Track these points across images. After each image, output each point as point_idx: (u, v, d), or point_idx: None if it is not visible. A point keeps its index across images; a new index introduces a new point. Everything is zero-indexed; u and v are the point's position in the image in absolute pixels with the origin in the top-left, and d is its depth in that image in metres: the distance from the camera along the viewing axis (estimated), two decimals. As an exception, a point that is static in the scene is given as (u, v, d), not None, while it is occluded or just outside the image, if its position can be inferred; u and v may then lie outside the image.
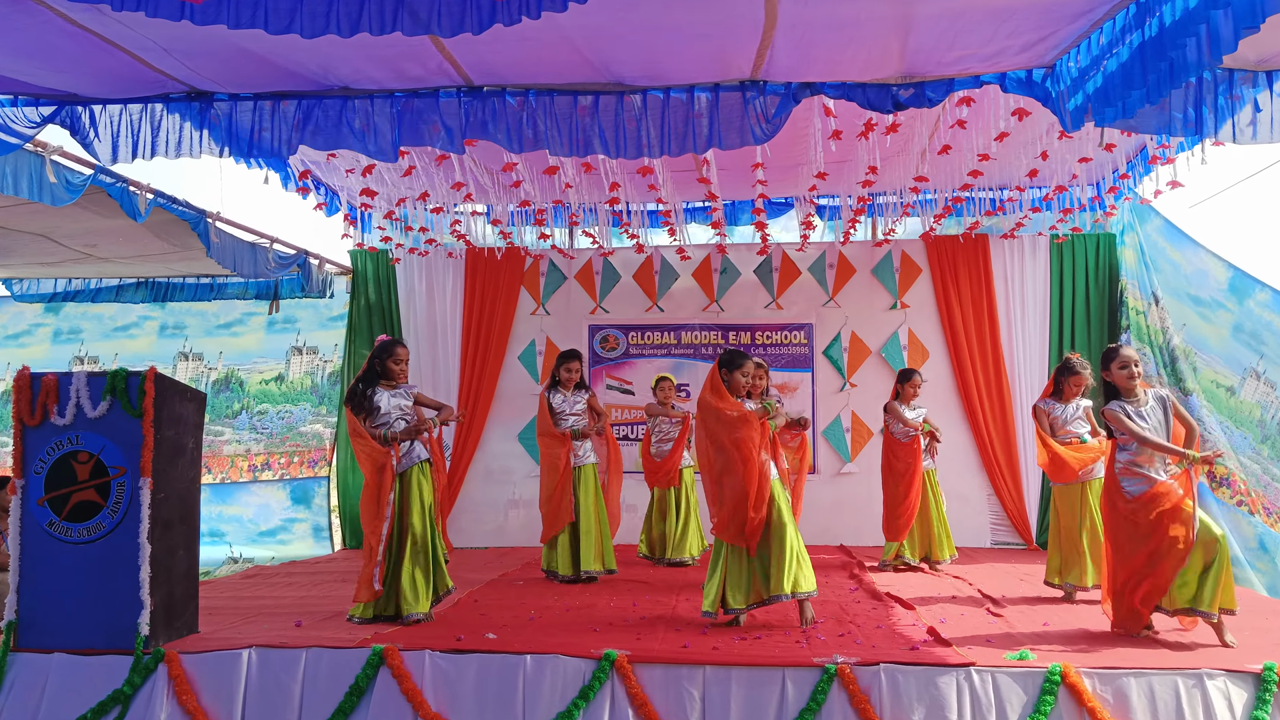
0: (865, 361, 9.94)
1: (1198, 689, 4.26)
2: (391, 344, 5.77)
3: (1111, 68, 4.69)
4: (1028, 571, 7.50)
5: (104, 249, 8.59)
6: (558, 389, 7.38)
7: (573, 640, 4.85)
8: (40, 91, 5.56)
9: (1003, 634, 5.18)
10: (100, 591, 4.79)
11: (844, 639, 5.02)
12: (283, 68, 5.25)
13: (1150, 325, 9.01)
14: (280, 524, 10.66)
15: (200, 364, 11.07)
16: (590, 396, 7.47)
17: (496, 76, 5.44)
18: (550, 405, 7.33)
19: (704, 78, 5.43)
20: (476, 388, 10.06)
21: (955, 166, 7.61)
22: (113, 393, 4.91)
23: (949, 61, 5.20)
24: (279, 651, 4.67)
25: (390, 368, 5.72)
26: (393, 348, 5.74)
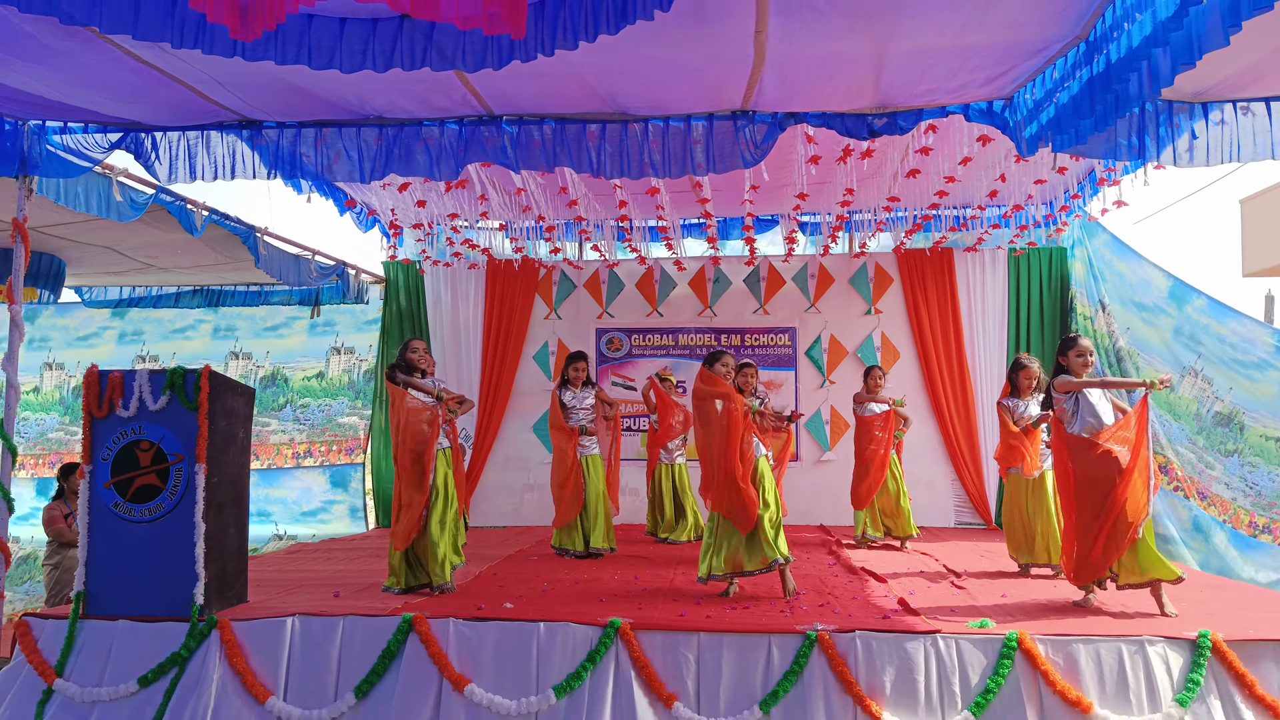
0: (843, 361, 9.94)
1: (1139, 654, 4.27)
2: (407, 340, 5.89)
3: (1064, 99, 4.68)
4: (987, 549, 7.51)
5: (164, 260, 8.60)
6: (567, 386, 7.40)
7: (581, 609, 4.85)
8: (107, 120, 5.56)
9: (965, 605, 5.18)
10: (160, 565, 4.80)
11: (823, 609, 5.03)
12: (324, 99, 5.25)
13: (1097, 329, 9.01)
14: (320, 505, 10.66)
15: (249, 362, 11.06)
16: (598, 390, 7.50)
17: (515, 107, 5.43)
18: (561, 401, 7.36)
19: (700, 108, 5.43)
20: (496, 384, 10.07)
21: (924, 187, 7.61)
22: (171, 388, 4.92)
23: (919, 94, 5.19)
24: (319, 619, 4.68)
25: (409, 359, 5.76)
26: (408, 341, 5.86)
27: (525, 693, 4.41)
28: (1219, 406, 7.61)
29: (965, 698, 4.25)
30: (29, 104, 5.17)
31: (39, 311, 10.91)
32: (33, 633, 4.77)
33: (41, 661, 4.67)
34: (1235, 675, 4.21)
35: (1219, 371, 7.68)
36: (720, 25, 4.31)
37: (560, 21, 3.81)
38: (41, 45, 4.39)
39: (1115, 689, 4.22)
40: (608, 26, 3.72)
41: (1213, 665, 4.24)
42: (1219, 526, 7.51)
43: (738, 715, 4.30)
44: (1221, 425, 7.57)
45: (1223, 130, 5.20)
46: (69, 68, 4.70)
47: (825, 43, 4.50)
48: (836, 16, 4.23)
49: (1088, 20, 4.26)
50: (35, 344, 11.01)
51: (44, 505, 7.96)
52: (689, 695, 4.38)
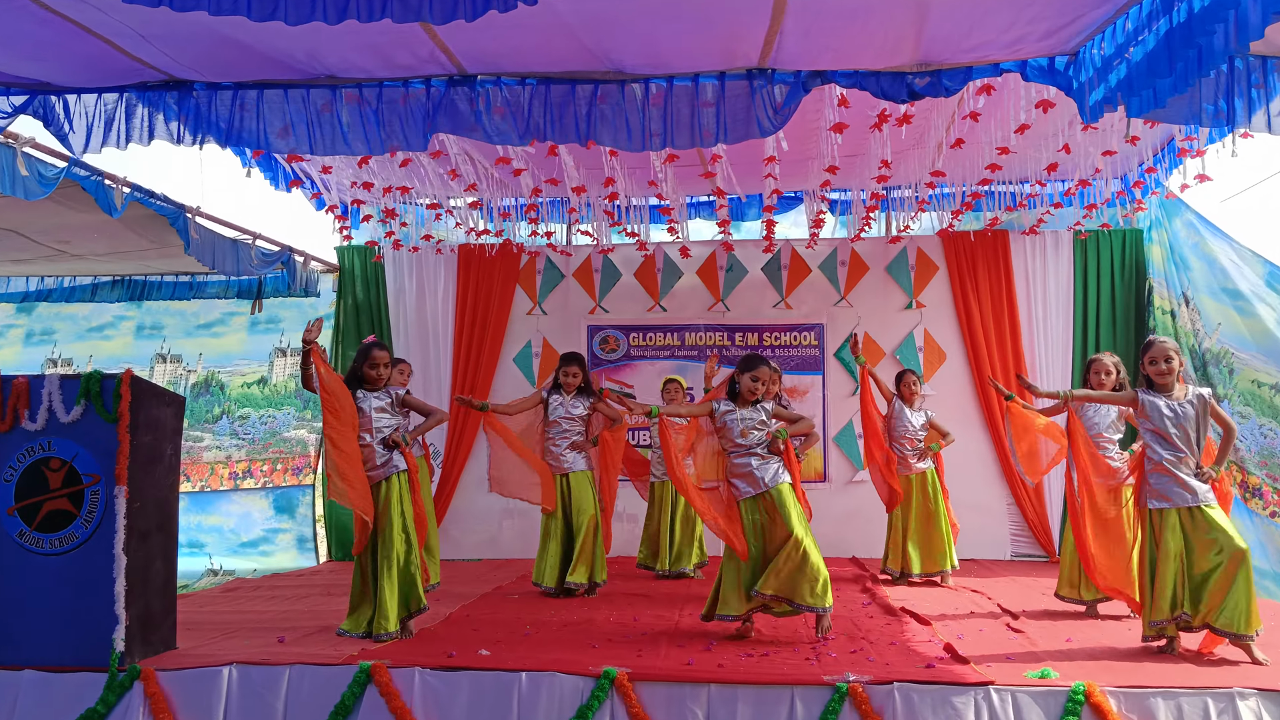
0: (879, 363, 9.92)
1: (1229, 710, 4.26)
2: (369, 347, 5.80)
3: (1138, 56, 4.69)
4: (1049, 585, 7.49)
5: (78, 245, 8.61)
6: (559, 391, 7.39)
7: (570, 657, 4.85)
8: (11, 80, 5.57)
9: (1023, 650, 5.18)
10: (73, 605, 4.79)
11: (856, 655, 5.02)
12: (266, 55, 5.27)
13: (1179, 327, 9.00)
14: (263, 534, 10.67)
15: (179, 366, 11.08)
16: (595, 403, 7.43)
17: (491, 65, 5.45)
18: (546, 403, 7.36)
19: (709, 66, 5.44)
20: (469, 391, 10.02)
21: (973, 160, 7.62)
22: (87, 396, 4.92)
23: (967, 48, 5.20)
24: (261, 669, 4.67)
25: (367, 373, 5.75)
26: (369, 351, 5.77)
27: (504, 755, 4.42)
28: None
29: (1023, 760, 4.25)
30: (-83, 62, 5.19)
31: (-70, 307, 10.95)
32: (-77, 685, 4.76)
33: (-67, 719, 4.67)
34: (1342, 734, 4.21)
35: None
36: (733, -33, 4.33)
37: (544, -38, 3.82)
38: (-68, -8, 4.41)
39: (1200, 750, 4.21)
40: (600, -33, 3.74)
41: (1315, 722, 4.24)
42: None
43: (755, 781, 4.30)
44: None
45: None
46: (-36, 19, 4.71)
47: (857, -13, 4.51)
48: (870, -44, 4.25)
49: (1166, -39, 4.27)
50: (-75, 345, 11.04)
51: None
52: (697, 758, 4.38)
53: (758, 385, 5.59)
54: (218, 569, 10.30)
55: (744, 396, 5.65)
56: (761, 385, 5.60)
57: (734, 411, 5.64)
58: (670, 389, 8.41)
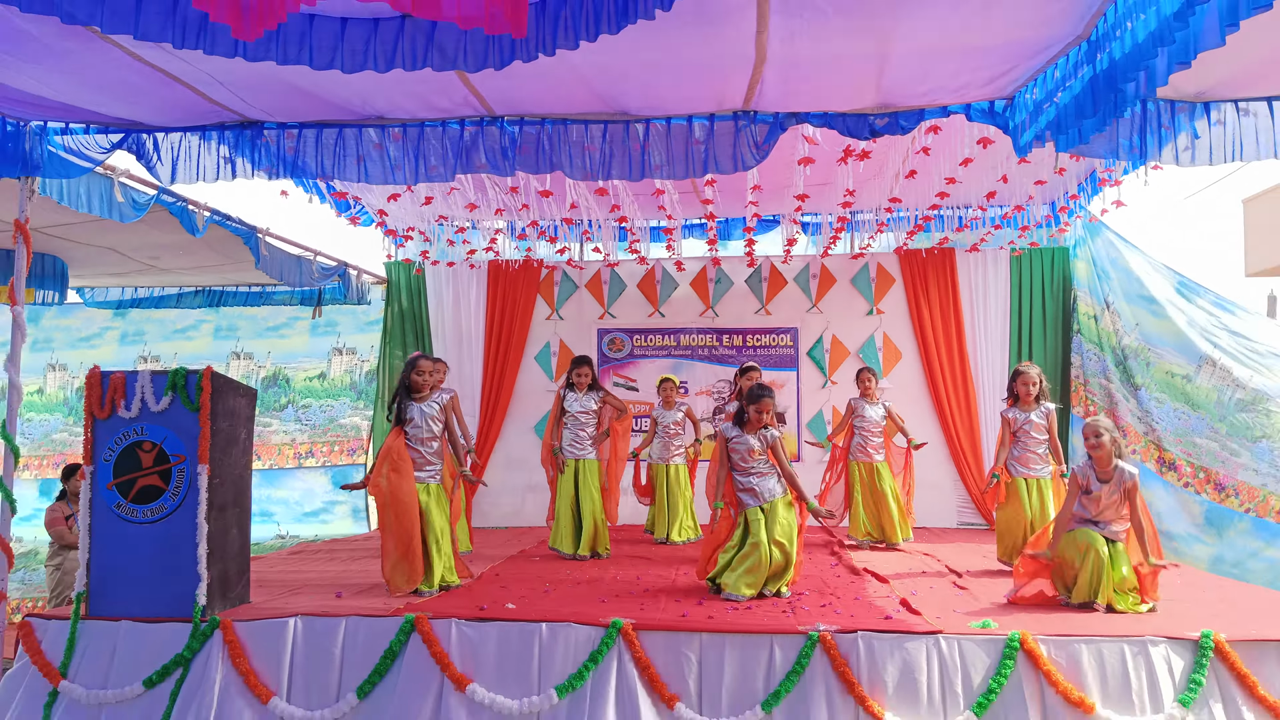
0: (844, 361, 9.93)
1: (1142, 655, 4.26)
2: (415, 359, 5.78)
3: (1065, 99, 4.68)
4: (990, 550, 7.48)
5: (166, 261, 8.61)
6: (573, 389, 7.39)
7: (583, 610, 4.85)
8: (109, 120, 5.56)
9: (968, 605, 5.18)
10: (162, 566, 4.80)
11: (825, 609, 5.02)
12: (325, 100, 5.25)
13: (1102, 329, 9.00)
14: (322, 506, 10.66)
15: (251, 362, 11.07)
16: (605, 395, 7.46)
17: (516, 107, 5.43)
18: (562, 401, 7.37)
19: (701, 108, 5.42)
20: (498, 384, 10.08)
21: (925, 188, 7.61)
22: (173, 389, 4.92)
23: (921, 93, 5.19)
24: (322, 620, 4.68)
25: (414, 380, 5.71)
26: (416, 362, 5.75)
27: (527, 693, 4.42)
28: (1241, 394, 7.58)
29: (967, 698, 4.25)
30: (30, 105, 5.17)
31: (41, 313, 10.93)
32: (36, 634, 4.77)
33: (46, 663, 4.67)
34: (1237, 676, 4.21)
35: (1236, 363, 7.68)
36: (721, 25, 4.31)
37: (561, 21, 3.81)
38: (43, 46, 4.40)
39: (1118, 690, 4.21)
40: (609, 25, 3.72)
41: (1215, 666, 4.23)
42: (1240, 517, 7.47)
43: (740, 715, 4.30)
44: (1245, 411, 7.54)
45: (1224, 130, 5.20)
46: (70, 68, 4.70)
47: (827, 43, 4.49)
48: (837, 16, 4.23)
49: (1089, 19, 4.26)
50: (38, 345, 11.03)
51: (46, 506, 7.97)
52: (691, 695, 4.38)
53: (762, 415, 5.59)
54: (284, 534, 10.31)
55: (751, 424, 5.64)
56: (765, 415, 5.60)
57: (741, 437, 5.63)
58: (665, 387, 8.40)
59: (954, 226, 8.95)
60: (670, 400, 8.37)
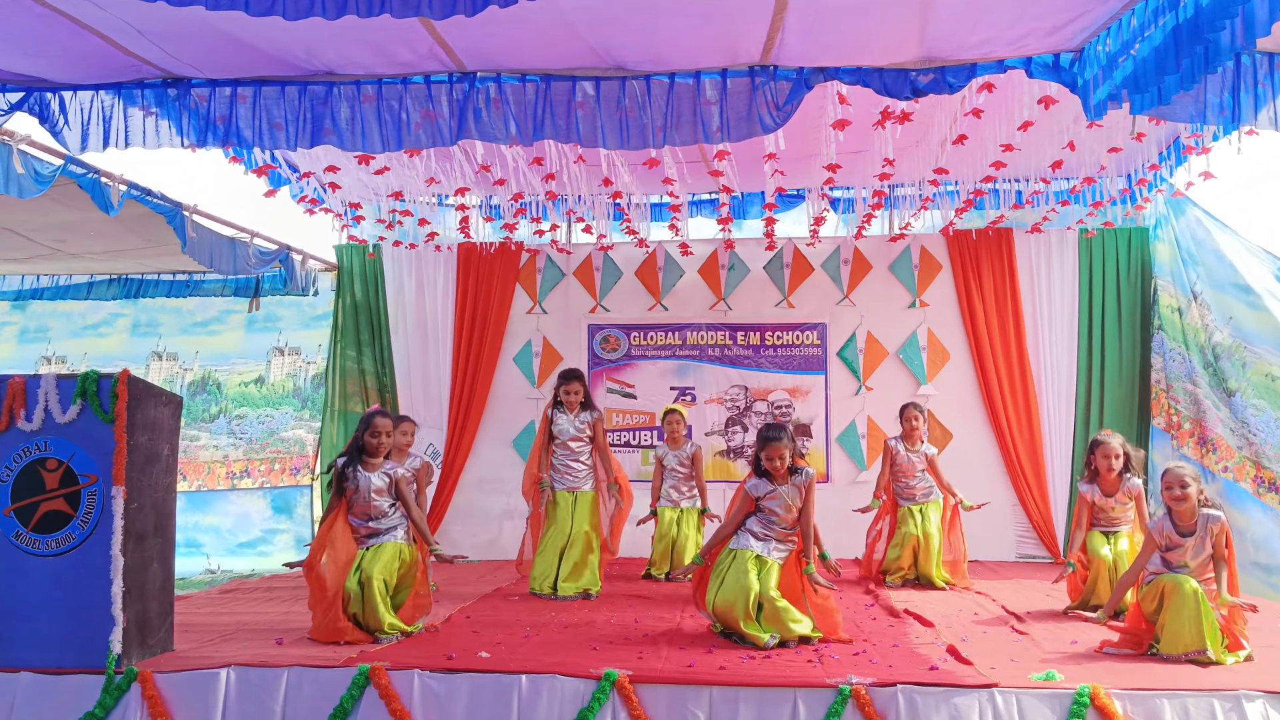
0: (882, 363, 9.95)
1: (1235, 711, 4.25)
2: (371, 416, 5.76)
3: (1143, 52, 4.69)
4: (1055, 587, 7.49)
5: (74, 244, 8.61)
6: (561, 408, 7.35)
7: (571, 659, 4.85)
8: (6, 77, 5.57)
9: (1028, 653, 5.18)
10: (70, 607, 4.78)
11: (859, 658, 5.02)
12: (264, 52, 5.27)
13: (1188, 324, 9.01)
14: (261, 535, 10.68)
15: (175, 364, 11.09)
16: (596, 421, 7.39)
17: (490, 62, 5.45)
18: (550, 423, 7.35)
19: (711, 63, 5.44)
20: (469, 390, 10.07)
21: (977, 158, 7.61)
22: (83, 396, 4.91)
23: (971, 45, 5.20)
24: (259, 670, 4.67)
25: (368, 442, 5.68)
26: (372, 419, 5.73)
27: (504, 758, 4.42)
28: None
29: (1028, 763, 4.26)
30: (-88, 58, 5.19)
31: (-77, 304, 10.95)
32: (-82, 687, 4.76)
33: (-71, 722, 4.67)
34: (1349, 736, 4.21)
35: None
36: (735, -37, 4.33)
37: (545, -42, 3.83)
38: (-73, -12, 4.41)
39: (1206, 753, 4.21)
40: (602, -36, 3.74)
41: (1322, 725, 4.24)
42: None
43: (757, 785, 4.31)
44: None
45: (1332, 88, 5.21)
46: (-40, 15, 4.71)
47: (860, -17, 4.51)
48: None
49: (1173, -43, 4.27)
50: (-81, 342, 11.05)
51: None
52: (699, 761, 4.38)
53: (777, 463, 5.58)
54: (215, 569, 10.31)
55: (774, 474, 5.65)
56: (782, 461, 5.59)
57: (774, 491, 5.64)
58: (671, 420, 8.38)
59: (1011, 203, 8.95)
60: (677, 436, 8.35)
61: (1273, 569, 7.90)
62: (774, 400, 10.01)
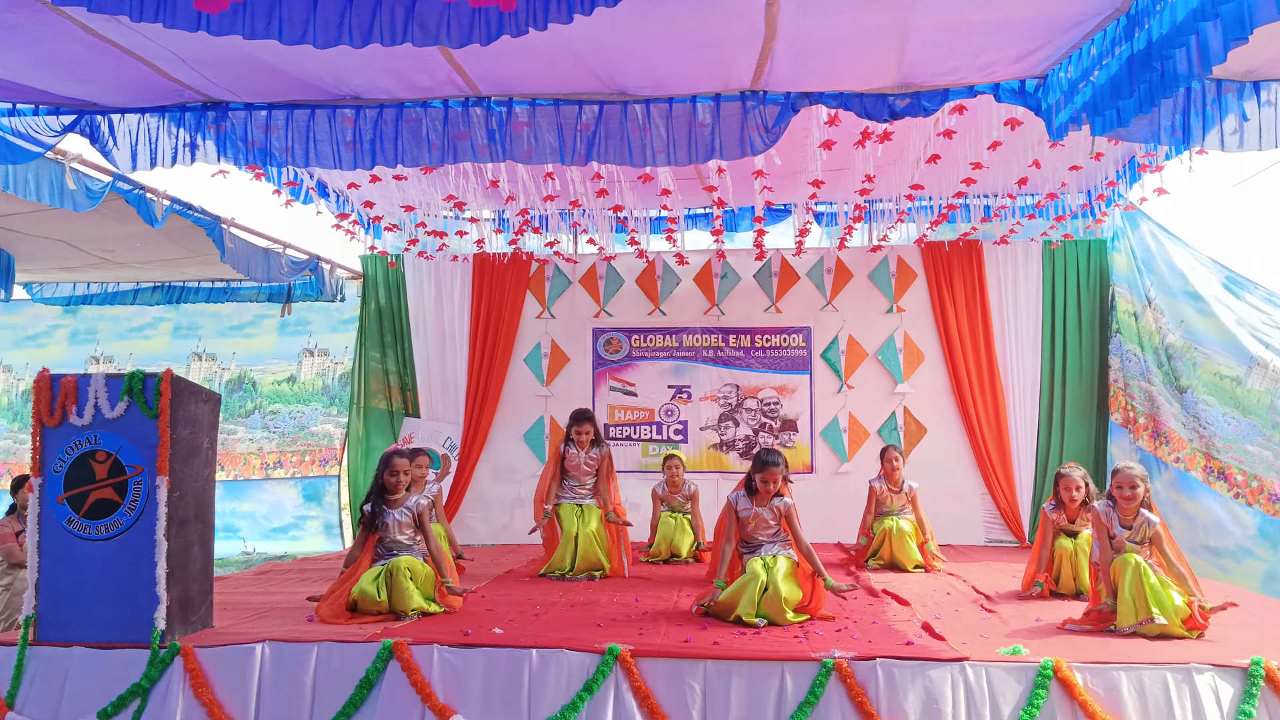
0: (862, 364, 9.95)
1: (1186, 683, 4.26)
2: (389, 456, 5.73)
3: (1102, 79, 4.69)
4: (1020, 569, 7.49)
5: (121, 254, 8.61)
6: (572, 444, 7.33)
7: (577, 635, 4.85)
8: (60, 101, 5.57)
9: (996, 629, 5.18)
10: (118, 587, 4.79)
11: (841, 634, 5.02)
12: (296, 78, 5.26)
13: (1144, 327, 9.01)
14: (292, 520, 10.68)
15: (214, 364, 11.09)
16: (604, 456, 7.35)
17: (504, 87, 5.45)
18: (562, 460, 7.32)
19: (706, 88, 5.44)
20: (484, 389, 10.08)
21: (949, 175, 7.61)
22: (130, 394, 4.91)
23: (944, 72, 5.20)
24: (291, 645, 4.67)
25: (387, 480, 5.68)
26: (390, 460, 5.70)
27: (516, 725, 4.41)
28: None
29: (996, 731, 4.25)
30: (-26, 83, 5.19)
31: (-17, 309, 10.96)
32: (-21, 660, 4.76)
33: (-10, 692, 4.67)
34: (1291, 706, 4.21)
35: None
36: (728, -3, 4.33)
37: (554, -8, 3.82)
38: (-12, 19, 4.41)
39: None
40: (605, -3, 3.73)
41: (1266, 695, 4.23)
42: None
43: (748, 750, 4.30)
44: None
45: (1275, 111, 5.21)
46: (18, 43, 4.71)
47: (842, 16, 4.51)
48: (854, -13, 4.25)
49: (1129, -9, 4.27)
50: (-21, 344, 11.05)
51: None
52: (695, 728, 4.37)
53: (770, 486, 5.62)
54: (251, 551, 10.31)
55: (760, 494, 5.67)
56: (773, 485, 5.63)
57: (751, 509, 5.68)
58: (670, 465, 8.28)
59: (981, 217, 8.95)
60: (676, 482, 8.28)
61: (1221, 551, 7.90)
62: (763, 398, 10.01)
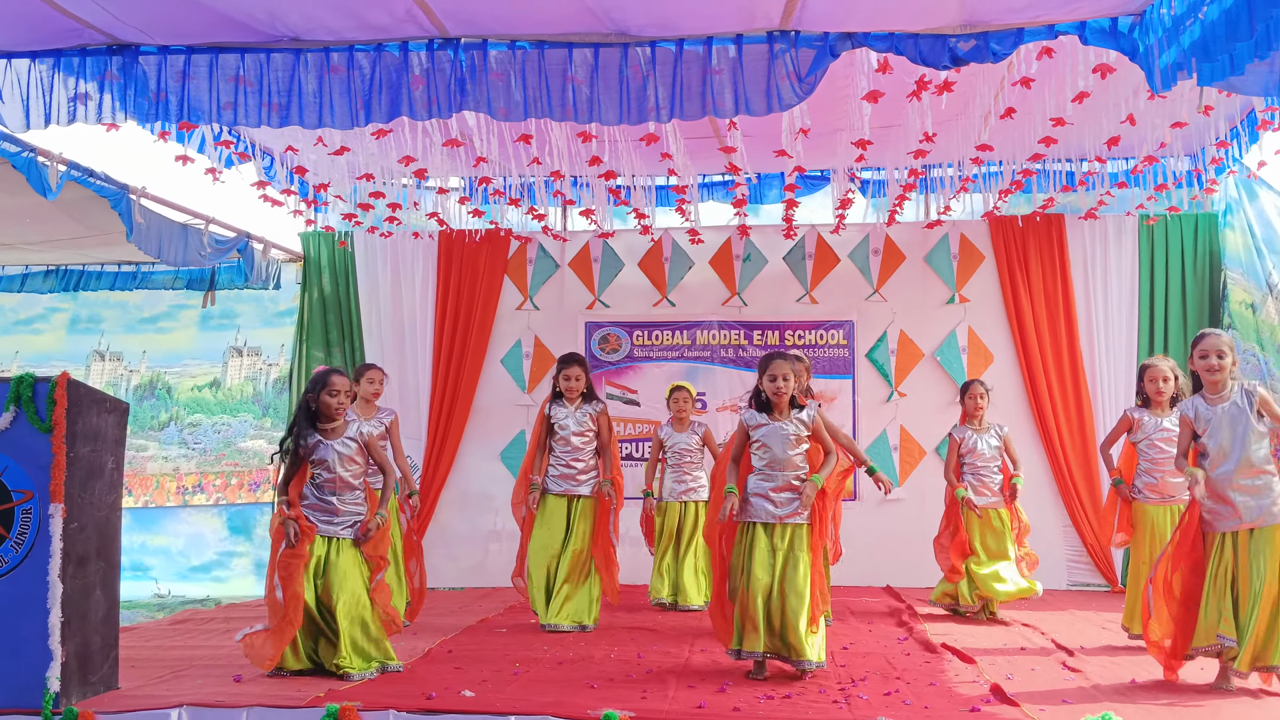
0: (917, 366, 9.96)
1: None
2: (325, 374, 5.74)
3: (1213, 15, 4.69)
4: (1111, 619, 7.49)
5: (6, 231, 8.62)
6: (560, 400, 7.32)
7: (566, 699, 4.85)
8: (-69, 43, 5.59)
9: (1081, 691, 5.19)
10: (2, 640, 4.80)
11: (890, 698, 5.03)
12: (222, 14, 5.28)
13: (1263, 321, 9.01)
14: (216, 558, 10.70)
15: (120, 365, 11.11)
16: (601, 414, 7.34)
17: (476, 26, 5.45)
18: (549, 419, 7.30)
19: (724, 27, 5.44)
20: (451, 397, 10.07)
21: (1025, 133, 7.61)
22: (17, 402, 4.92)
23: (1018, 7, 5.21)
24: (215, 711, 4.68)
25: (325, 401, 5.66)
26: (326, 377, 5.70)
27: (490, 811, 4.44)
28: None
29: (1081, 818, 4.27)
30: None
31: None
32: None
33: None
34: None
35: None
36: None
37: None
38: None
39: (1282, 806, 4.23)
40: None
41: None
42: None
43: (775, 841, 4.32)
44: None
45: None
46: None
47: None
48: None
49: (1245, -91, 4.28)
50: None
51: None
52: (710, 814, 4.40)
53: (780, 384, 5.48)
54: (165, 594, 10.32)
55: (774, 404, 5.59)
56: (786, 383, 5.46)
57: (767, 424, 5.58)
58: (678, 397, 8.39)
59: (1063, 185, 8.95)
60: (684, 417, 8.37)
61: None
62: (795, 408, 10.01)
